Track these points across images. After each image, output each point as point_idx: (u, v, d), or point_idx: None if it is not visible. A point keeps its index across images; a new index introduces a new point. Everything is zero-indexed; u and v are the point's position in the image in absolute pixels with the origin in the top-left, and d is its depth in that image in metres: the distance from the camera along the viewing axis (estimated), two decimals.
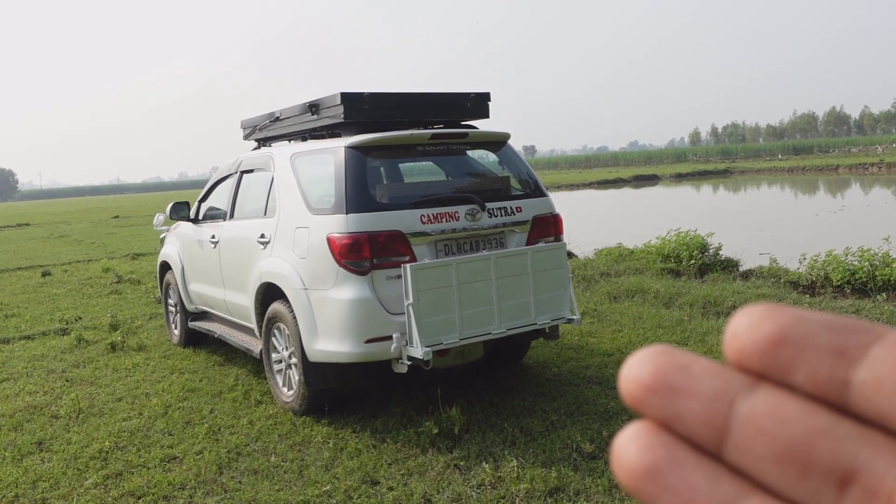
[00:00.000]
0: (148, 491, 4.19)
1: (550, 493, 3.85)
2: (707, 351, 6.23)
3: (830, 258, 8.53)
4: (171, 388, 6.11)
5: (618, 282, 9.39)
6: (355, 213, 4.70)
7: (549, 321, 5.10)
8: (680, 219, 13.91)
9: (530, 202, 5.38)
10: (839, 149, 79.31)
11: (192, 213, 7.16)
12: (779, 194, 35.70)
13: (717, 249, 10.30)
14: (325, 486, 4.09)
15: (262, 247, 5.54)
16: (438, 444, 4.56)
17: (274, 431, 5.00)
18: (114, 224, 32.02)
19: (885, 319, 6.82)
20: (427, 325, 4.56)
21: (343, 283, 4.71)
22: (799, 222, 20.18)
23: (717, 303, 7.87)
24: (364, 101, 5.27)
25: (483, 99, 5.81)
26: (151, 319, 9.12)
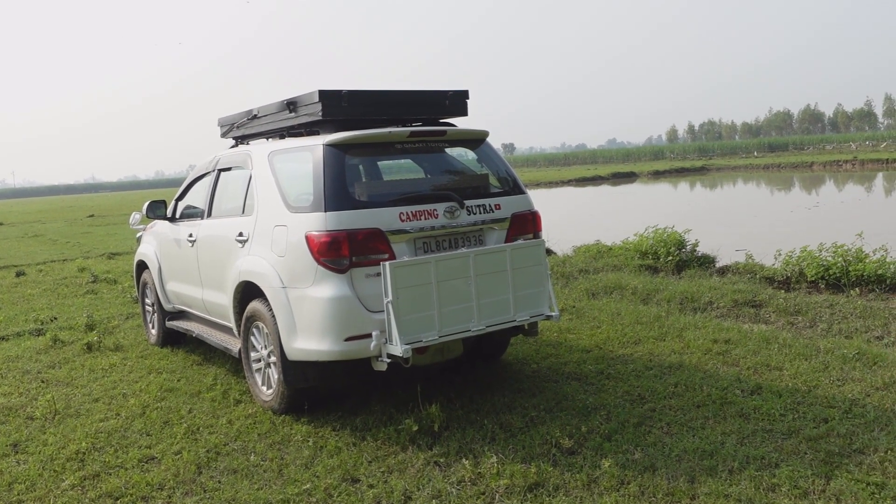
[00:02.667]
0: (126, 492, 4.16)
1: (530, 489, 3.88)
2: (685, 346, 6.29)
3: (805, 254, 8.64)
4: (148, 388, 6.06)
5: (596, 278, 9.45)
6: (334, 211, 4.69)
7: (528, 318, 5.12)
8: (657, 216, 14.01)
9: (509, 199, 5.40)
10: (814, 146, 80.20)
11: (168, 212, 7.10)
12: (755, 191, 36.06)
13: (695, 246, 10.40)
14: (305, 485, 4.08)
15: (240, 245, 5.51)
16: (418, 442, 4.56)
17: (253, 430, 4.98)
18: (89, 223, 31.65)
19: (857, 314, 6.93)
20: (406, 323, 4.56)
21: (322, 282, 4.70)
22: (774, 219, 20.41)
23: (694, 298, 7.95)
24: (342, 98, 5.25)
25: (461, 97, 5.81)
26: (128, 319, 9.03)
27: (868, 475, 3.78)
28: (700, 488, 3.76)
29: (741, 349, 6.08)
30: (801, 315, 7.16)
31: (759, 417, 4.64)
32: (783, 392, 5.04)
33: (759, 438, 4.32)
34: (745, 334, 6.51)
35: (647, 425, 4.63)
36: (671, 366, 5.80)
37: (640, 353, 6.22)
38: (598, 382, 5.52)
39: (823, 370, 5.45)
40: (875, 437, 4.22)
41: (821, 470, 3.86)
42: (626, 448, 4.29)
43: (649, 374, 5.64)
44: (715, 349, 6.14)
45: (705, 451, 4.17)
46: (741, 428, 4.49)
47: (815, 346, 6.02)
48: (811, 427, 4.43)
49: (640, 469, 4.01)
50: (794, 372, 5.44)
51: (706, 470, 3.95)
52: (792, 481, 3.75)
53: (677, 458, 4.11)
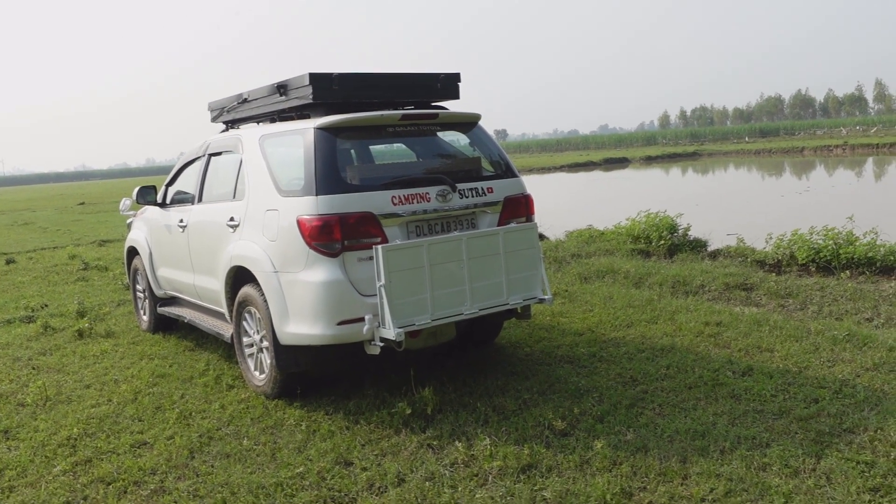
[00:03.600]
0: (118, 477, 4.15)
1: (523, 470, 3.89)
2: (677, 328, 6.32)
3: (796, 237, 8.66)
4: (140, 374, 6.04)
5: (588, 262, 9.46)
6: (325, 195, 4.67)
7: (521, 301, 5.12)
8: (649, 200, 14.02)
9: (501, 183, 5.39)
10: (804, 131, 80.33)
11: (159, 198, 7.06)
12: (746, 176, 36.13)
13: (686, 230, 10.42)
14: (298, 468, 4.08)
15: (231, 230, 5.48)
16: (412, 425, 4.57)
17: (246, 415, 4.98)
18: (79, 211, 31.48)
19: (848, 297, 6.96)
20: (399, 307, 4.56)
21: (314, 266, 4.69)
22: (765, 203, 20.47)
23: (685, 282, 7.97)
24: (333, 81, 5.21)
25: (453, 80, 5.78)
26: (119, 306, 9.00)
27: (858, 454, 3.81)
28: (692, 468, 3.78)
29: (732, 331, 6.10)
30: (792, 297, 7.19)
31: (751, 398, 4.67)
32: (774, 373, 5.07)
33: (751, 419, 4.35)
34: (736, 317, 6.54)
35: (640, 407, 4.65)
36: (663, 348, 5.82)
37: (633, 336, 6.24)
38: (590, 365, 5.54)
39: (814, 351, 5.48)
40: (865, 417, 4.25)
41: (811, 449, 3.89)
42: (618, 429, 4.31)
43: (641, 356, 5.66)
44: (706, 332, 6.16)
45: (697, 432, 4.19)
46: (732, 409, 4.51)
47: (805, 327, 6.05)
48: (802, 407, 4.46)
49: (633, 450, 4.02)
50: (785, 353, 5.47)
51: (698, 450, 3.97)
52: (783, 460, 3.78)
53: (669, 439, 4.13)
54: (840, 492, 3.47)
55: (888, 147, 45.48)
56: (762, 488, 3.54)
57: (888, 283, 7.40)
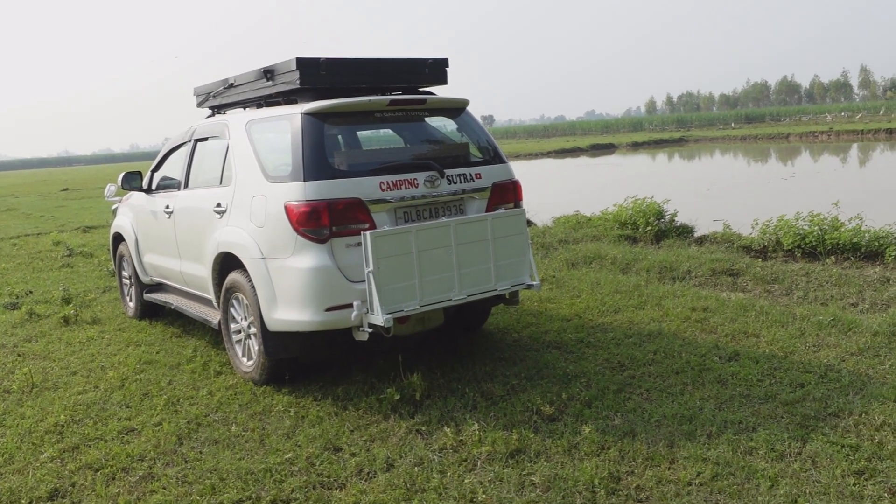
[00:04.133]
0: (106, 463, 4.14)
1: (511, 455, 3.91)
2: (664, 314, 6.35)
3: (782, 223, 8.72)
4: (127, 360, 6.02)
5: (576, 248, 9.48)
6: (313, 181, 4.65)
7: (509, 287, 5.13)
8: (636, 186, 14.05)
9: (489, 169, 5.38)
10: (790, 117, 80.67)
11: (144, 184, 7.00)
12: (732, 162, 36.28)
13: (673, 216, 10.46)
14: (286, 454, 4.08)
15: (218, 216, 5.45)
16: (400, 410, 4.58)
17: (234, 401, 4.97)
18: (63, 197, 31.18)
19: (833, 282, 7.02)
20: (387, 293, 4.55)
21: (302, 252, 4.67)
22: (751, 189, 20.57)
23: (672, 268, 8.01)
24: (320, 66, 5.17)
25: (441, 65, 5.75)
26: (105, 292, 8.94)
27: (843, 438, 3.85)
28: (679, 452, 3.81)
29: (719, 317, 6.14)
30: (778, 283, 7.24)
31: (737, 383, 4.70)
32: (760, 358, 5.11)
33: (737, 403, 4.39)
34: (722, 302, 6.58)
35: (627, 392, 4.68)
36: (650, 334, 5.85)
37: (620, 322, 6.27)
38: (578, 350, 5.56)
39: (799, 336, 5.53)
40: (850, 401, 4.30)
41: (797, 433, 3.93)
42: (606, 414, 4.34)
43: (629, 341, 5.68)
44: (693, 317, 6.20)
45: (684, 417, 4.22)
46: (719, 393, 4.55)
47: (791, 313, 6.10)
48: (787, 392, 4.50)
49: (620, 434, 4.05)
50: (771, 338, 5.52)
51: (685, 434, 4.00)
52: (769, 444, 3.82)
53: (656, 424, 4.16)
54: (825, 475, 3.51)
55: (872, 133, 45.78)
56: (748, 472, 3.57)
57: (872, 269, 7.47)
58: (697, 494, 3.43)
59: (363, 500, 3.56)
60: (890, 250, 7.67)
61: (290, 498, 3.64)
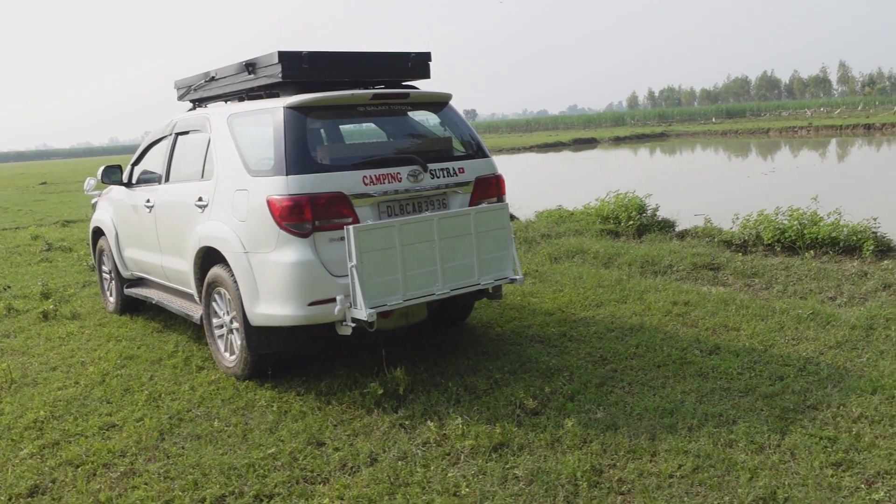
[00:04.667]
0: (87, 459, 4.11)
1: (495, 449, 3.92)
2: (646, 308, 6.39)
3: (762, 218, 8.80)
4: (108, 356, 5.97)
5: (558, 243, 9.52)
6: (296, 175, 4.63)
7: (492, 281, 5.14)
8: (618, 181, 14.12)
9: (472, 163, 5.38)
10: (770, 112, 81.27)
11: (125, 177, 6.94)
12: (713, 157, 36.53)
13: (655, 210, 10.52)
14: (269, 449, 4.07)
15: (199, 210, 5.41)
16: (384, 405, 4.58)
17: (216, 396, 4.94)
18: (41, 191, 30.83)
19: (812, 276, 7.10)
20: (371, 287, 4.55)
21: (284, 246, 4.65)
22: (732, 184, 20.72)
23: (654, 262, 8.06)
24: (303, 60, 5.14)
25: (424, 59, 5.74)
26: (85, 287, 8.86)
27: (821, 430, 3.90)
28: (660, 445, 3.84)
29: (700, 311, 6.19)
30: (758, 277, 7.31)
31: (718, 376, 4.75)
32: (740, 351, 5.16)
33: (718, 396, 4.43)
34: (703, 296, 6.63)
35: (609, 385, 4.71)
36: (632, 327, 5.89)
37: (602, 316, 6.30)
38: (560, 344, 5.59)
39: (779, 330, 5.58)
40: (828, 394, 4.35)
41: (776, 426, 3.97)
42: (588, 408, 4.36)
43: (611, 335, 5.72)
44: (675, 311, 6.25)
45: (665, 410, 4.25)
46: (700, 386, 4.59)
47: (770, 307, 6.16)
48: (767, 385, 4.55)
49: (603, 428, 4.08)
50: (751, 332, 5.57)
51: (666, 427, 4.03)
52: (748, 437, 3.86)
53: (638, 417, 4.20)
54: (804, 467, 3.55)
55: (851, 128, 46.26)
56: (729, 464, 3.61)
57: (851, 263, 7.56)
58: (679, 487, 3.46)
59: (347, 495, 3.56)
60: (868, 244, 7.76)
61: (273, 493, 3.64)
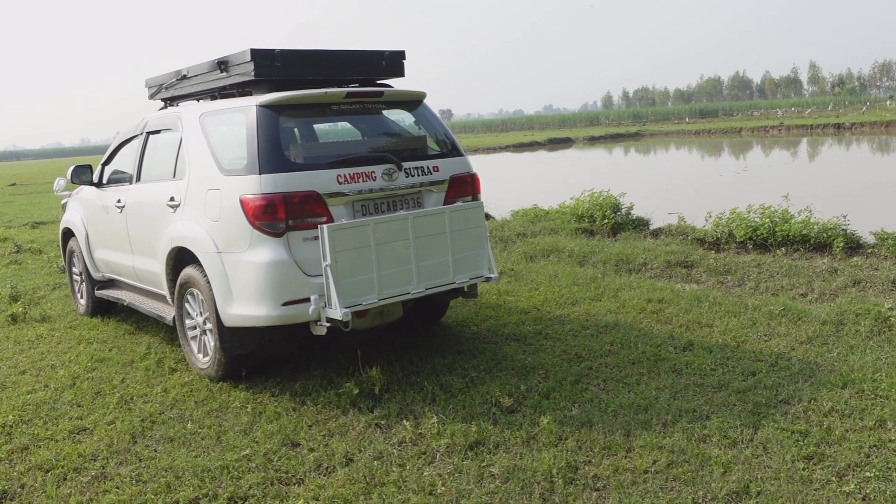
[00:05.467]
0: (57, 464, 4.04)
1: (471, 447, 3.92)
2: (620, 305, 6.43)
3: (734, 216, 8.88)
4: (78, 358, 5.88)
5: (534, 242, 9.54)
6: (269, 174, 4.59)
7: (468, 280, 5.14)
8: (593, 180, 14.20)
9: (447, 162, 5.37)
10: (742, 112, 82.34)
11: (95, 177, 6.84)
12: (686, 156, 36.87)
13: (629, 209, 10.59)
14: (244, 451, 4.03)
15: (171, 210, 5.35)
16: (359, 405, 4.56)
17: (190, 398, 4.89)
18: (10, 192, 30.33)
19: (783, 273, 7.18)
20: (345, 286, 4.52)
21: (258, 246, 4.61)
22: (705, 183, 20.93)
23: (629, 260, 8.11)
24: (275, 58, 5.10)
25: (398, 57, 5.72)
26: (55, 290, 8.73)
27: (793, 424, 3.95)
28: (635, 441, 3.86)
29: (674, 308, 6.24)
30: (731, 274, 7.38)
31: (691, 372, 4.79)
32: (713, 348, 5.20)
33: (691, 392, 4.46)
34: (677, 293, 6.69)
35: (584, 383, 4.73)
36: (607, 325, 5.92)
37: (577, 314, 6.33)
38: (536, 342, 5.60)
39: (751, 326, 5.64)
40: (799, 388, 4.40)
41: (749, 420, 4.01)
42: (563, 405, 4.38)
43: (586, 333, 5.74)
44: (649, 308, 6.29)
45: (640, 406, 4.28)
46: (674, 383, 4.62)
47: (743, 303, 6.22)
48: (740, 380, 4.59)
49: (578, 425, 4.09)
50: (724, 328, 5.62)
51: (641, 424, 4.06)
52: (722, 432, 3.89)
53: (613, 414, 4.22)
54: (776, 460, 3.59)
55: (821, 128, 46.98)
56: (702, 459, 3.64)
57: (821, 260, 7.66)
58: (653, 482, 3.48)
59: (322, 496, 3.54)
60: (837, 241, 7.87)
61: (247, 494, 3.60)
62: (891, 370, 4.55)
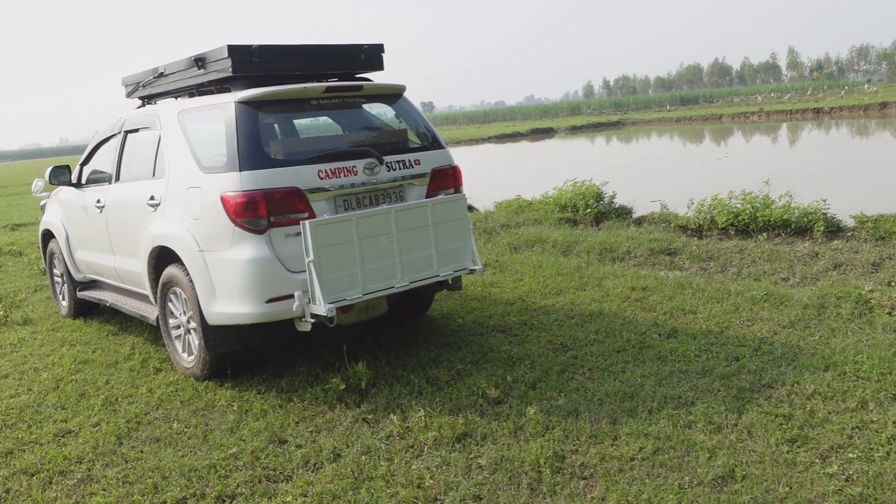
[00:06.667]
0: (42, 467, 4.01)
1: (458, 439, 3.93)
2: (604, 294, 6.45)
3: (716, 202, 8.94)
4: (62, 361, 5.83)
5: (518, 232, 9.56)
6: (249, 171, 4.56)
7: (452, 272, 5.14)
8: (576, 169, 14.23)
9: (428, 154, 5.36)
10: (722, 99, 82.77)
11: (73, 178, 6.77)
12: (668, 144, 37.02)
13: (612, 198, 10.62)
14: (231, 449, 4.02)
15: (152, 209, 5.31)
16: (346, 400, 4.55)
17: (175, 398, 4.87)
18: None
19: (765, 258, 7.24)
20: (329, 282, 4.51)
21: (240, 243, 4.59)
22: (687, 169, 21.04)
23: (612, 249, 8.14)
24: (253, 53, 5.07)
25: (377, 51, 5.70)
26: (36, 292, 8.64)
27: (776, 408, 3.98)
28: (621, 429, 3.89)
29: (658, 295, 6.27)
30: (713, 260, 7.43)
31: (676, 359, 4.82)
32: (697, 334, 5.24)
33: (676, 379, 4.49)
34: (661, 281, 6.72)
35: (570, 372, 4.75)
36: (592, 314, 5.94)
37: (562, 304, 6.35)
38: (521, 333, 5.62)
39: (734, 312, 5.69)
40: (783, 373, 4.45)
41: (733, 405, 4.05)
42: (550, 395, 4.39)
43: (571, 322, 5.76)
44: (633, 296, 6.32)
45: (626, 394, 4.30)
46: (659, 370, 4.65)
47: (726, 289, 6.27)
48: (724, 366, 4.63)
49: (564, 414, 4.11)
50: (708, 315, 5.66)
51: (627, 411, 4.08)
52: (707, 417, 3.92)
53: (599, 402, 4.24)
54: (760, 444, 3.62)
55: (801, 113, 47.28)
56: (688, 445, 3.67)
57: (802, 244, 7.72)
58: (640, 469, 3.50)
59: (310, 492, 3.54)
60: (818, 226, 7.94)
61: (235, 493, 3.59)
62: (872, 352, 4.60)
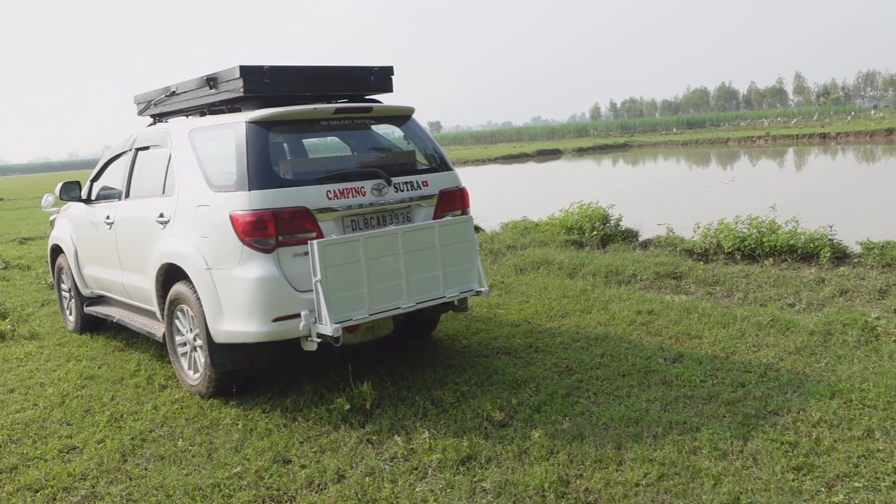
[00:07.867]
0: (46, 484, 4.01)
1: (462, 462, 3.92)
2: (610, 317, 6.45)
3: (722, 226, 8.95)
4: (67, 376, 5.85)
5: (524, 254, 9.57)
6: (258, 190, 4.60)
7: (458, 294, 5.15)
8: (582, 192, 14.27)
9: (436, 176, 5.40)
10: (729, 122, 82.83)
11: (84, 193, 6.83)
12: (674, 167, 37.08)
13: (618, 221, 10.64)
14: (235, 468, 4.02)
15: (161, 226, 5.35)
16: (350, 420, 4.55)
17: (180, 416, 4.87)
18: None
19: (771, 283, 7.23)
20: (336, 302, 4.53)
21: (248, 262, 4.61)
22: (693, 193, 21.06)
23: (618, 272, 8.14)
24: (264, 74, 5.12)
25: (386, 73, 5.75)
26: (44, 306, 8.68)
27: (782, 435, 3.97)
28: (626, 454, 3.88)
29: (663, 319, 6.27)
30: (719, 285, 7.43)
31: (681, 384, 4.81)
32: (703, 359, 5.23)
33: (681, 404, 4.48)
34: (666, 305, 6.72)
35: (575, 396, 4.74)
36: (597, 337, 5.94)
37: (568, 326, 6.35)
38: (527, 356, 5.62)
39: (740, 337, 5.68)
40: (788, 399, 4.43)
41: (739, 432, 4.03)
42: (555, 418, 4.39)
43: (576, 345, 5.76)
44: (639, 320, 6.32)
45: (631, 419, 4.29)
46: (664, 395, 4.64)
47: (732, 314, 6.26)
48: (729, 391, 4.62)
49: (569, 438, 4.10)
50: (713, 340, 5.65)
51: (632, 436, 4.07)
52: (712, 443, 3.91)
53: (604, 427, 4.23)
54: (766, 471, 3.61)
55: (807, 138, 47.36)
56: (693, 471, 3.66)
57: (809, 270, 7.72)
58: (644, 495, 3.49)
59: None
60: (824, 251, 7.93)
61: None
62: (878, 380, 4.58)
